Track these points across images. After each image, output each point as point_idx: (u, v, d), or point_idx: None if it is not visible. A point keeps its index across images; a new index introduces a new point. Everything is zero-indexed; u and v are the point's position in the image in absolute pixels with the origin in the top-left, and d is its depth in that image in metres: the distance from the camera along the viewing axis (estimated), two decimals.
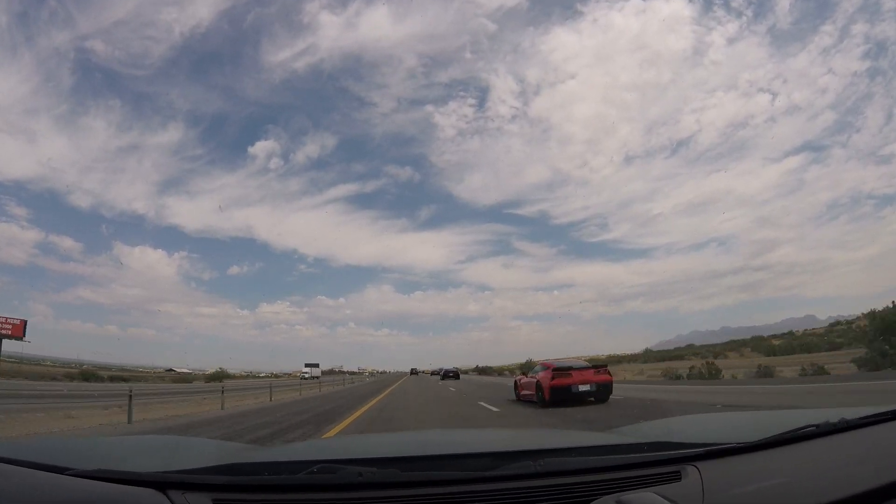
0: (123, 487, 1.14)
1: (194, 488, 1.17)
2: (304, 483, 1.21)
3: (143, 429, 9.55)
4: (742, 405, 9.42)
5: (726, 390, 15.04)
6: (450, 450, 1.82)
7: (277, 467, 1.38)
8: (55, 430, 9.34)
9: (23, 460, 1.24)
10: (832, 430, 1.46)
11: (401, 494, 1.18)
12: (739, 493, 1.16)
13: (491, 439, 2.54)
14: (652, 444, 1.45)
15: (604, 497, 1.11)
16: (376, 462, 1.40)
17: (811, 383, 14.67)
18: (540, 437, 2.73)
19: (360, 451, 2.01)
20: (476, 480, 1.23)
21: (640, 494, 1.11)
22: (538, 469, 1.26)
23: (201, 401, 16.65)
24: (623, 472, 1.29)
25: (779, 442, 1.42)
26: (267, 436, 8.21)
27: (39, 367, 53.09)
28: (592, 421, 8.22)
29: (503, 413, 10.72)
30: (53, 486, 1.12)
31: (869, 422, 1.50)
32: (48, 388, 19.99)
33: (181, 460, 1.60)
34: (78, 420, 11.04)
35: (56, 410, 11.61)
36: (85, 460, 1.33)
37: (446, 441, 2.45)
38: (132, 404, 11.03)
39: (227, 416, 12.30)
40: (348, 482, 1.20)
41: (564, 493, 1.18)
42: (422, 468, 1.33)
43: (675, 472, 1.27)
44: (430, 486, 1.21)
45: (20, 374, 35.83)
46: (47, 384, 26.19)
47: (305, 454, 1.90)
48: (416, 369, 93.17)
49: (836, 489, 1.07)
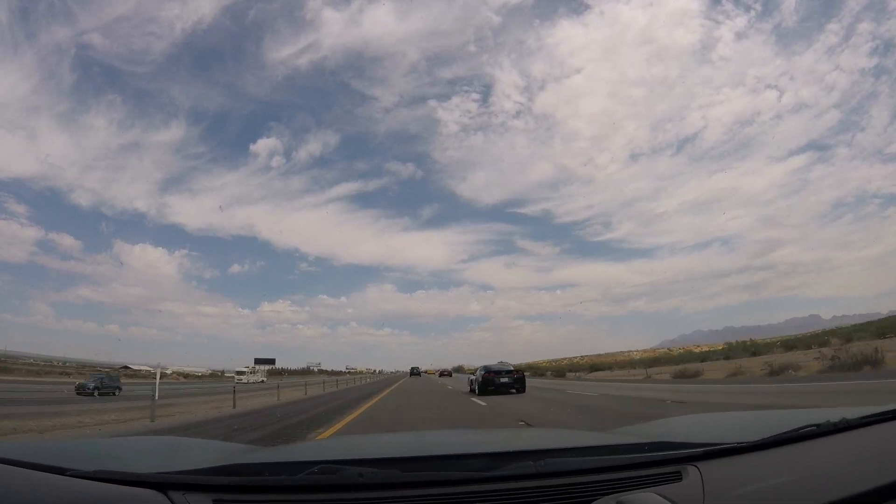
0: (123, 488, 1.14)
1: (195, 489, 1.17)
2: (305, 483, 1.21)
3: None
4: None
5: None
6: (450, 450, 1.82)
7: (278, 468, 1.38)
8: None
9: (23, 461, 1.24)
10: (833, 430, 1.46)
11: (401, 495, 1.18)
12: (740, 494, 1.16)
13: (491, 440, 2.54)
14: (652, 445, 1.45)
15: (604, 497, 1.11)
16: (377, 462, 1.40)
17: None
18: (540, 438, 2.73)
19: (361, 451, 2.00)
20: (476, 481, 1.23)
21: (641, 495, 1.11)
22: (538, 469, 1.26)
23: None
24: (623, 473, 1.28)
25: (779, 442, 1.42)
26: None
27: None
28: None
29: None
30: (53, 487, 1.12)
31: (870, 421, 1.50)
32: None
33: (181, 461, 1.59)
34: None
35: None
36: (85, 461, 1.33)
37: (446, 441, 2.45)
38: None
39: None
40: (349, 483, 1.20)
41: (565, 493, 1.18)
42: (422, 468, 1.33)
43: (675, 473, 1.27)
44: (431, 486, 1.21)
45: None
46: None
47: (306, 455, 1.90)
48: (417, 368, 78.64)
49: (836, 489, 1.07)
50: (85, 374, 41.12)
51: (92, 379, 32.18)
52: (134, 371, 70.12)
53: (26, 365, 57.38)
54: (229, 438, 11.39)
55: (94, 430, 10.06)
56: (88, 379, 32.65)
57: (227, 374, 76.65)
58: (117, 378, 35.17)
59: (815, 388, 12.55)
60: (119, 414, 13.52)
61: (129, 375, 49.04)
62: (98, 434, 9.41)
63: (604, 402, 13.44)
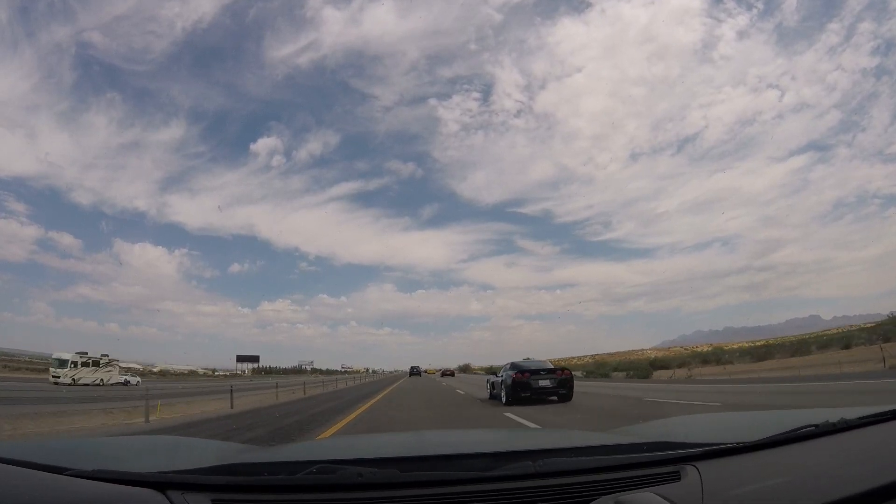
0: (122, 488, 1.14)
1: (193, 488, 1.17)
2: (304, 483, 1.21)
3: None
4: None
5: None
6: (449, 450, 1.82)
7: (277, 468, 1.38)
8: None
9: (22, 460, 1.24)
10: (832, 430, 1.46)
11: (400, 495, 1.18)
12: (739, 494, 1.16)
13: (490, 439, 2.54)
14: (651, 445, 1.45)
15: (603, 497, 1.11)
16: (376, 462, 1.40)
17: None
18: (539, 438, 2.73)
19: (360, 451, 2.01)
20: (475, 481, 1.23)
21: (640, 495, 1.11)
22: (537, 469, 1.26)
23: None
24: (622, 473, 1.29)
25: (778, 442, 1.42)
26: None
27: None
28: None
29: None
30: (52, 487, 1.12)
31: (868, 422, 1.50)
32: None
33: (180, 460, 1.60)
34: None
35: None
36: (84, 460, 1.33)
37: (446, 441, 2.45)
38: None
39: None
40: (348, 482, 1.20)
41: (563, 493, 1.19)
42: (421, 468, 1.33)
43: (674, 473, 1.27)
44: (430, 486, 1.21)
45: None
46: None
47: (305, 454, 1.90)
48: (417, 368, 70.44)
49: (835, 489, 1.08)
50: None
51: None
52: (124, 368, 70.45)
53: (25, 363, 57.63)
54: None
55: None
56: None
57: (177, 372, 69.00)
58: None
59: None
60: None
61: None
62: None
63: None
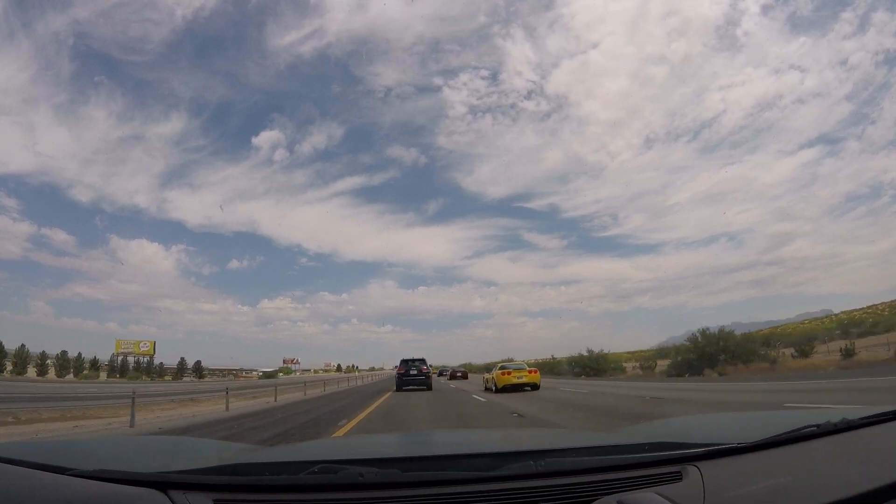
0: (124, 487, 1.14)
1: (195, 488, 1.17)
2: (305, 483, 1.21)
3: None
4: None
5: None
6: (451, 450, 1.82)
7: (278, 468, 1.38)
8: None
9: (23, 460, 1.24)
10: (833, 431, 1.46)
11: (402, 495, 1.18)
12: (740, 494, 1.16)
13: (492, 439, 2.54)
14: (653, 445, 1.45)
15: (605, 497, 1.11)
16: (377, 462, 1.39)
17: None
18: (540, 438, 2.73)
19: (361, 451, 2.01)
20: (477, 481, 1.23)
21: (641, 495, 1.11)
22: (539, 469, 1.26)
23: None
24: (624, 473, 1.28)
25: (780, 442, 1.42)
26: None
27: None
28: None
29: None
30: (54, 486, 1.12)
31: (870, 422, 1.50)
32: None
33: (182, 460, 1.60)
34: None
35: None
36: (85, 460, 1.33)
37: (447, 441, 2.46)
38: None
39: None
40: (349, 482, 1.20)
41: (565, 493, 1.18)
42: (423, 468, 1.33)
43: (676, 473, 1.27)
44: (431, 486, 1.21)
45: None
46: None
47: (306, 454, 1.91)
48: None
49: (837, 489, 1.07)
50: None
51: None
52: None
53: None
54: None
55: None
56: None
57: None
58: None
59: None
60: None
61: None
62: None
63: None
